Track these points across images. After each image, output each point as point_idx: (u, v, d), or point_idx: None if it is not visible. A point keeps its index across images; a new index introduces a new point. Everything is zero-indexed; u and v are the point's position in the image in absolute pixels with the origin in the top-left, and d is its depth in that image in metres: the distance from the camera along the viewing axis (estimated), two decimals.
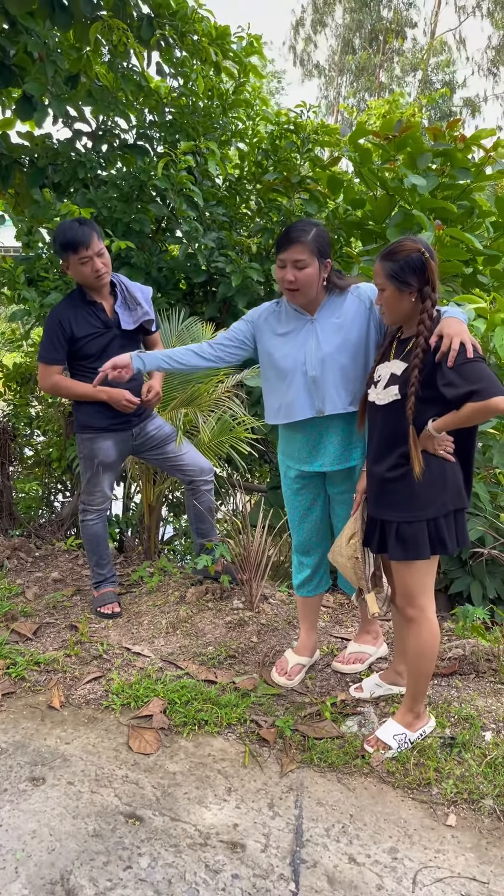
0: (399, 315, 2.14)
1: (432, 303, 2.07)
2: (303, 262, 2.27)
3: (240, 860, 1.91)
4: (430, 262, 2.03)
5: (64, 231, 2.88)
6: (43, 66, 3.93)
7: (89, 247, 2.86)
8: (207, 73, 4.56)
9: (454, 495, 2.14)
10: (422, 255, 2.02)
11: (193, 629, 3.09)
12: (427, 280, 2.05)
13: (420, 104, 14.19)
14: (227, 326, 4.46)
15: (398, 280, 2.05)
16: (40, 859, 1.89)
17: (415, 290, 2.06)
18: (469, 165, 4.15)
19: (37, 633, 3.07)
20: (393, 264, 2.05)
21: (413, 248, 2.03)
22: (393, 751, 2.30)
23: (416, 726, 2.34)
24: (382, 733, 2.33)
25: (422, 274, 2.04)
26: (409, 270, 2.03)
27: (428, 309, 2.07)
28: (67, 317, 2.98)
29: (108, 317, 3.04)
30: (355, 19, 24.94)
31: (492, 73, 24.57)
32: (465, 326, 2.06)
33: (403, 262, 2.03)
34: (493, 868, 1.92)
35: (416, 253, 2.03)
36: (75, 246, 2.86)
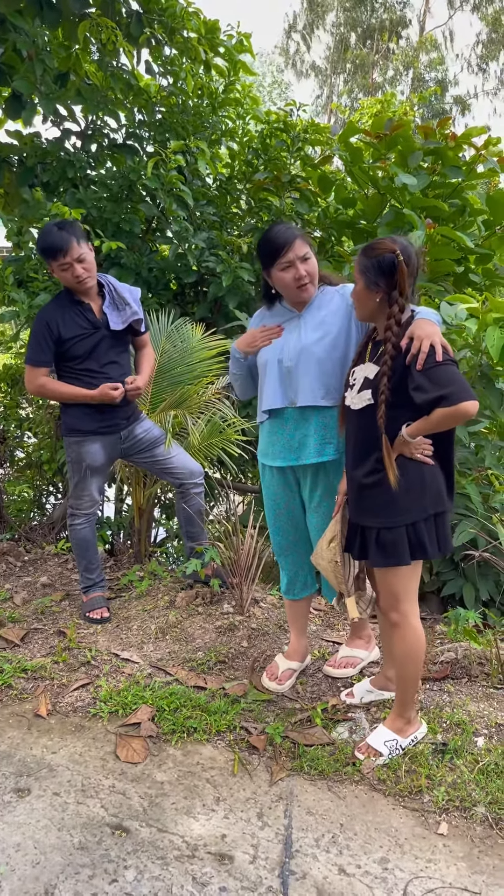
0: (366, 311, 2.11)
1: (399, 307, 2.02)
2: (307, 253, 2.35)
3: (227, 872, 1.87)
4: (402, 266, 1.97)
5: (44, 236, 2.85)
6: (32, 65, 3.89)
7: (67, 253, 2.82)
8: (197, 71, 4.53)
9: (434, 499, 2.10)
10: (395, 257, 1.97)
11: (183, 634, 3.05)
12: (396, 284, 2.00)
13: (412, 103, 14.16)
14: (218, 327, 4.45)
15: (367, 277, 2.02)
16: (24, 873, 1.85)
17: (382, 291, 2.02)
18: (460, 164, 4.13)
19: (24, 639, 3.03)
20: (366, 260, 2.02)
21: (388, 248, 1.98)
22: (384, 757, 2.26)
23: (408, 732, 2.31)
24: (373, 740, 2.29)
25: (391, 277, 1.99)
26: (378, 270, 2.00)
27: (395, 314, 2.02)
28: (55, 318, 2.95)
29: (96, 317, 3.01)
30: (350, 18, 24.91)
31: (481, 69, 24.55)
32: (437, 328, 2.02)
33: (375, 261, 2.00)
34: (486, 878, 1.89)
35: (391, 254, 1.98)
36: (54, 253, 2.83)
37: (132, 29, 4.17)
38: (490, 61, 24.39)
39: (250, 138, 4.85)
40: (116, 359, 3.08)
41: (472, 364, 3.30)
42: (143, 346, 3.28)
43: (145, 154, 4.59)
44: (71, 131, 4.48)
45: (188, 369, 3.84)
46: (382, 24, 24.71)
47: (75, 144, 4.52)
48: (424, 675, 2.74)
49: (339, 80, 26.12)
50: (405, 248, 1.99)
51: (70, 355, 2.99)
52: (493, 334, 3.06)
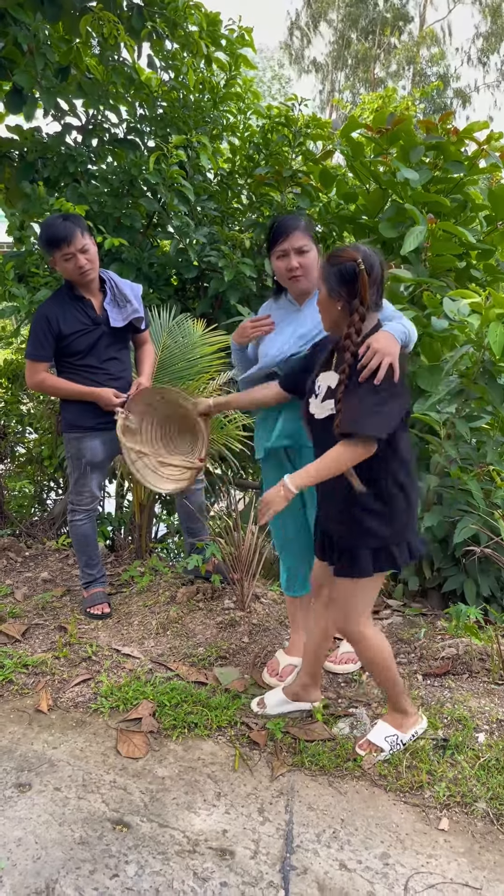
0: (329, 320, 2.09)
1: (360, 316, 1.99)
2: (306, 246, 2.37)
3: (228, 867, 1.87)
4: (363, 275, 1.93)
5: (47, 227, 2.85)
6: (32, 59, 3.87)
7: (71, 243, 2.82)
8: (198, 65, 4.51)
9: (398, 531, 2.10)
10: (356, 265, 1.93)
11: (184, 630, 3.05)
12: (356, 293, 1.97)
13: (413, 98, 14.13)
14: (219, 322, 4.44)
15: (329, 285, 2.00)
16: (25, 868, 1.85)
17: (342, 300, 1.99)
18: (462, 159, 4.11)
19: (25, 634, 3.03)
20: (329, 268, 1.99)
21: (350, 256, 1.95)
22: (385, 753, 2.26)
23: (407, 726, 2.31)
24: (374, 736, 2.29)
25: (351, 286, 1.96)
26: (339, 278, 1.97)
27: (355, 322, 1.99)
28: (55, 313, 2.94)
29: (96, 314, 3.00)
30: (351, 13, 24.82)
31: (481, 62, 24.47)
32: (397, 347, 1.99)
33: (337, 269, 1.97)
34: (486, 873, 1.89)
35: (352, 263, 1.94)
36: (58, 242, 2.82)
37: (133, 22, 4.15)
38: (490, 54, 24.31)
39: (251, 133, 4.83)
40: (116, 355, 3.08)
41: (474, 360, 3.30)
42: (143, 342, 3.27)
43: (146, 149, 4.57)
44: (72, 126, 4.47)
45: (189, 365, 3.84)
46: (384, 18, 24.62)
47: (76, 139, 4.50)
48: (425, 672, 2.74)
49: (340, 75, 26.05)
50: (367, 256, 1.96)
51: (70, 351, 2.98)
52: (495, 330, 3.05)
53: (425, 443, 3.67)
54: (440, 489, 3.38)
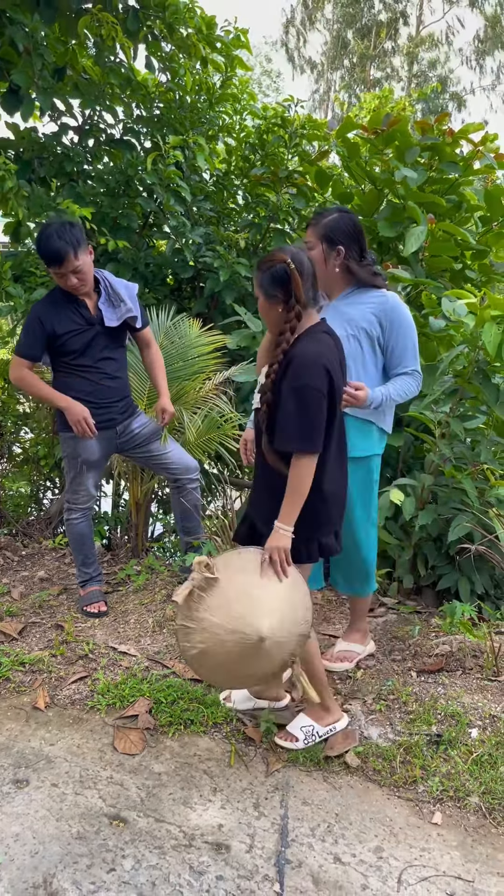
0: (272, 324, 2.13)
1: (296, 315, 2.04)
2: (309, 243, 2.42)
3: (224, 861, 1.90)
4: (294, 273, 1.99)
5: (42, 241, 2.82)
6: (29, 59, 3.88)
7: (62, 265, 2.83)
8: (194, 67, 4.52)
9: (310, 525, 2.14)
10: (286, 266, 2.00)
11: None
12: (291, 292, 2.02)
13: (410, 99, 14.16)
14: (215, 322, 4.46)
15: (264, 290, 2.05)
16: (23, 863, 1.87)
17: (280, 301, 2.04)
18: (457, 160, 4.14)
19: (22, 632, 3.04)
20: (262, 275, 2.05)
21: (280, 259, 2.01)
22: (300, 742, 2.31)
23: (326, 720, 2.36)
24: (291, 726, 2.36)
25: (286, 286, 2.02)
26: (272, 281, 2.03)
27: (291, 320, 2.05)
28: (48, 313, 2.95)
29: (90, 314, 3.01)
30: (347, 14, 24.85)
31: (478, 64, 24.54)
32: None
33: (269, 273, 2.03)
34: (479, 866, 1.92)
35: (282, 264, 2.00)
36: (49, 261, 2.84)
37: (129, 25, 4.16)
38: (487, 57, 24.38)
39: (247, 134, 4.85)
40: (112, 355, 3.10)
41: (469, 360, 3.32)
42: (147, 344, 3.26)
43: (142, 149, 4.59)
44: (68, 126, 4.48)
45: (186, 365, 3.85)
46: (379, 20, 24.66)
47: (72, 139, 4.51)
48: (419, 668, 2.77)
49: (335, 75, 26.08)
50: (295, 255, 2.03)
51: (64, 350, 3.00)
52: (490, 331, 3.07)
53: (420, 441, 3.70)
54: (435, 488, 3.40)
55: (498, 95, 25.89)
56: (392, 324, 2.44)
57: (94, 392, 3.04)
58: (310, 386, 2.01)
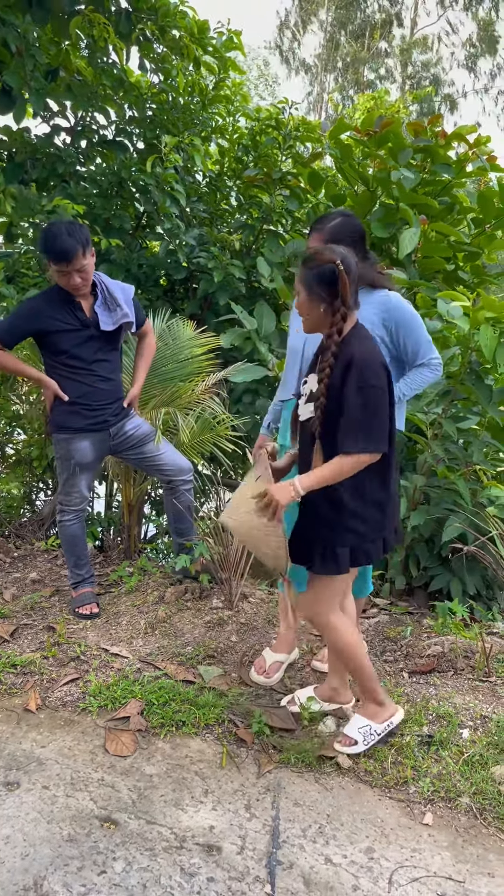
0: (311, 323, 2.12)
1: (342, 317, 2.03)
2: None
3: (215, 863, 1.89)
4: (342, 275, 1.98)
5: (51, 238, 2.80)
6: (21, 60, 3.88)
7: (70, 262, 2.82)
8: (187, 68, 4.53)
9: (374, 526, 2.13)
10: (336, 267, 1.98)
11: (172, 629, 3.07)
12: (337, 294, 2.01)
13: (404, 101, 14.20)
14: (208, 323, 4.45)
15: (309, 288, 2.04)
16: (13, 865, 1.86)
17: (324, 301, 2.03)
18: (450, 162, 4.15)
19: (14, 634, 3.03)
20: (307, 271, 2.03)
21: (328, 259, 2.00)
22: (360, 745, 2.28)
23: (381, 717, 2.32)
24: (348, 729, 2.33)
25: (333, 287, 2.00)
26: (320, 280, 2.01)
27: (337, 323, 2.03)
28: (40, 311, 2.94)
29: (85, 316, 3.01)
30: (341, 16, 24.90)
31: (470, 68, 24.64)
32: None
33: (317, 272, 2.01)
34: (469, 867, 1.92)
35: (330, 265, 1.99)
36: (57, 258, 2.81)
37: (121, 27, 4.17)
38: (479, 60, 24.49)
39: (240, 135, 4.86)
40: (106, 357, 3.09)
41: (462, 361, 3.33)
42: (143, 335, 3.29)
43: (135, 151, 4.59)
44: (60, 127, 4.48)
45: (179, 366, 3.85)
46: (373, 22, 24.72)
47: (65, 140, 4.51)
48: (411, 669, 2.77)
49: (329, 77, 26.11)
50: (344, 257, 2.01)
51: (56, 349, 2.99)
52: (485, 332, 3.09)
53: (413, 442, 3.71)
54: (427, 488, 3.41)
55: (491, 98, 26.01)
56: (398, 324, 2.45)
57: (87, 394, 3.04)
58: (376, 386, 1.99)
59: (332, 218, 2.43)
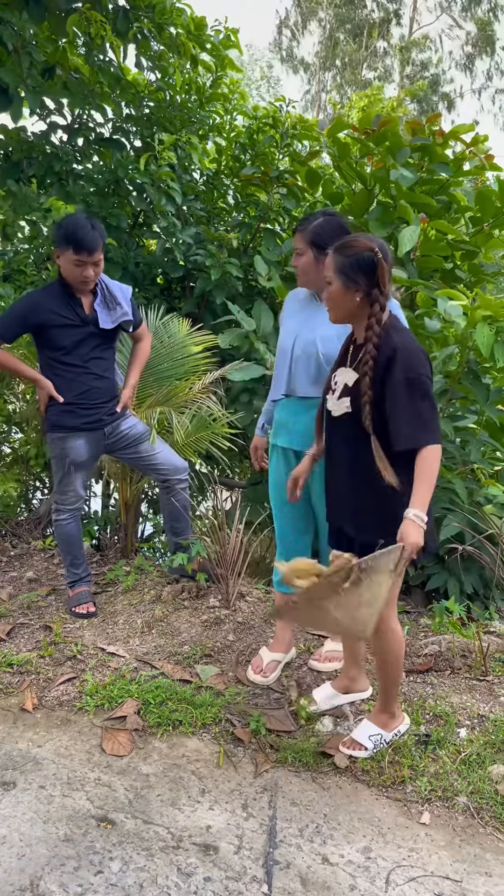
0: (343, 313, 2.07)
1: (381, 307, 1.99)
2: (298, 249, 2.44)
3: (212, 862, 1.89)
4: (381, 263, 1.94)
5: (75, 227, 2.82)
6: (18, 58, 3.87)
7: (91, 254, 2.84)
8: (184, 66, 4.52)
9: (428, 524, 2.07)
10: (374, 255, 1.94)
11: (169, 628, 3.06)
12: (376, 282, 1.97)
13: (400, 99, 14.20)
14: (205, 322, 4.44)
15: (346, 276, 1.98)
16: (9, 865, 1.86)
17: (361, 290, 1.99)
18: (448, 160, 4.15)
19: (10, 633, 3.03)
20: (344, 259, 1.98)
21: (367, 246, 1.96)
22: (368, 752, 2.28)
23: (392, 726, 2.33)
24: (358, 734, 2.31)
25: (371, 275, 1.96)
26: (358, 268, 1.96)
27: (376, 313, 1.99)
28: (41, 306, 2.94)
29: (85, 313, 3.00)
30: (340, 14, 24.89)
31: (468, 67, 24.68)
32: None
33: (354, 259, 1.96)
34: (467, 866, 1.92)
35: (369, 252, 1.95)
36: (78, 247, 2.82)
37: (119, 25, 4.15)
38: (477, 60, 24.52)
39: (237, 133, 4.85)
40: (102, 355, 3.09)
41: (459, 360, 3.33)
42: (138, 339, 3.28)
43: (132, 149, 4.57)
44: (57, 125, 4.46)
45: (175, 365, 3.84)
46: (372, 21, 24.71)
47: (61, 138, 4.50)
48: (408, 668, 2.77)
49: (327, 76, 26.11)
50: (382, 245, 1.98)
51: (54, 345, 2.98)
52: (482, 331, 3.08)
53: None
54: None
55: (488, 97, 26.05)
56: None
57: (82, 393, 3.03)
58: (424, 375, 1.95)
59: (315, 218, 2.42)
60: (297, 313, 2.55)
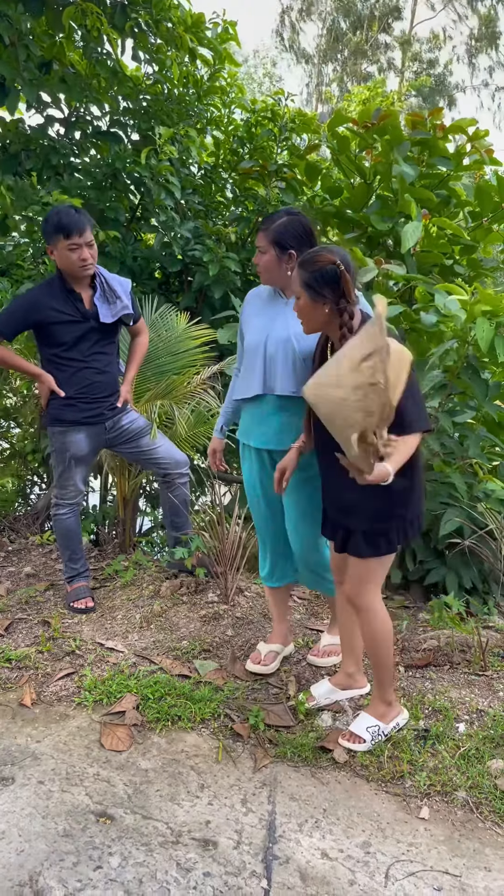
0: (314, 324, 2.13)
1: (350, 315, 2.05)
2: (261, 248, 2.42)
3: (211, 858, 1.89)
4: (344, 274, 2.01)
5: (60, 214, 2.83)
6: (15, 51, 3.84)
7: (82, 234, 2.83)
8: (182, 59, 4.49)
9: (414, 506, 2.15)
10: (336, 267, 2.01)
11: (168, 623, 3.06)
12: (342, 293, 2.03)
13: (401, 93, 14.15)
14: (203, 316, 4.43)
15: (312, 290, 2.05)
16: (8, 861, 1.85)
17: (329, 302, 2.05)
18: (448, 155, 4.13)
19: (8, 629, 3.02)
20: (308, 274, 2.05)
21: (328, 260, 2.02)
22: (367, 744, 2.29)
23: (389, 717, 2.33)
24: (356, 727, 2.31)
25: (336, 286, 2.02)
26: (323, 282, 2.02)
27: (346, 322, 2.05)
28: (41, 302, 2.93)
29: (86, 308, 2.99)
30: (342, 6, 24.79)
31: (470, 63, 24.62)
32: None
33: (318, 273, 2.02)
34: (466, 861, 1.92)
35: (331, 265, 2.01)
36: (68, 231, 2.81)
37: (116, 19, 4.13)
38: (478, 56, 24.45)
39: (235, 127, 4.82)
40: (103, 350, 3.08)
41: (459, 355, 3.32)
42: (136, 333, 3.28)
43: (129, 142, 4.55)
44: (54, 118, 4.44)
45: (173, 359, 3.83)
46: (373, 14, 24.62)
47: (59, 132, 4.47)
48: (407, 663, 2.77)
49: (328, 68, 26.04)
50: (343, 256, 2.04)
51: (55, 341, 2.97)
52: (482, 326, 3.07)
53: None
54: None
55: (489, 93, 25.98)
56: None
57: (83, 387, 3.02)
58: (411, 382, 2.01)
59: (279, 217, 2.40)
60: (263, 311, 2.52)
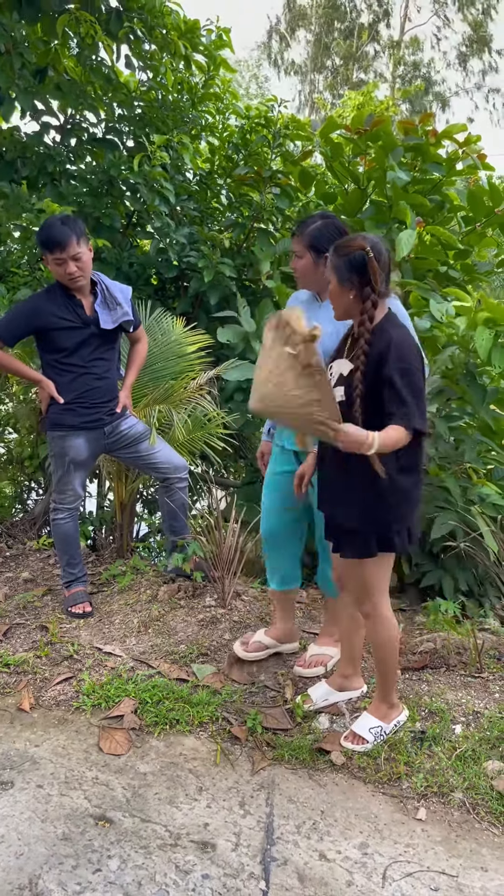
0: (341, 310, 2.15)
1: (372, 303, 2.06)
2: (297, 252, 2.45)
3: (210, 860, 1.90)
4: (372, 262, 2.01)
5: (45, 228, 2.86)
6: (10, 59, 3.86)
7: (65, 249, 2.84)
8: (177, 66, 4.52)
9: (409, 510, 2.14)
10: (366, 254, 2.01)
11: (165, 628, 3.07)
12: (368, 280, 2.04)
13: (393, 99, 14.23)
14: (200, 322, 4.44)
15: (340, 275, 2.06)
16: (8, 864, 1.86)
17: (354, 288, 2.06)
18: (441, 160, 4.16)
19: (6, 634, 3.03)
20: (338, 258, 2.06)
21: (359, 245, 2.02)
22: (369, 744, 2.30)
23: (391, 717, 2.35)
24: (358, 727, 2.33)
25: (363, 273, 2.03)
26: (350, 267, 2.03)
27: (368, 309, 2.06)
28: (42, 309, 2.95)
29: (86, 314, 3.01)
30: (329, 14, 24.90)
31: (461, 66, 24.73)
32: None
33: (347, 259, 2.04)
34: (463, 861, 1.93)
35: (360, 251, 2.02)
36: (51, 246, 2.83)
37: (111, 26, 4.16)
38: (470, 59, 24.57)
39: (230, 133, 4.85)
40: (103, 356, 3.10)
41: (458, 361, 3.35)
42: (136, 340, 3.30)
43: (125, 149, 4.57)
44: (50, 125, 4.46)
45: (169, 364, 3.85)
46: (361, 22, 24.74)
47: (54, 139, 4.50)
48: (404, 665, 2.79)
49: (319, 77, 26.13)
50: (375, 244, 2.04)
51: (56, 347, 2.99)
52: (482, 334, 3.10)
53: None
54: None
55: (480, 97, 26.13)
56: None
57: (83, 392, 3.04)
58: (416, 367, 2.03)
59: (313, 221, 2.43)
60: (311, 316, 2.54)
